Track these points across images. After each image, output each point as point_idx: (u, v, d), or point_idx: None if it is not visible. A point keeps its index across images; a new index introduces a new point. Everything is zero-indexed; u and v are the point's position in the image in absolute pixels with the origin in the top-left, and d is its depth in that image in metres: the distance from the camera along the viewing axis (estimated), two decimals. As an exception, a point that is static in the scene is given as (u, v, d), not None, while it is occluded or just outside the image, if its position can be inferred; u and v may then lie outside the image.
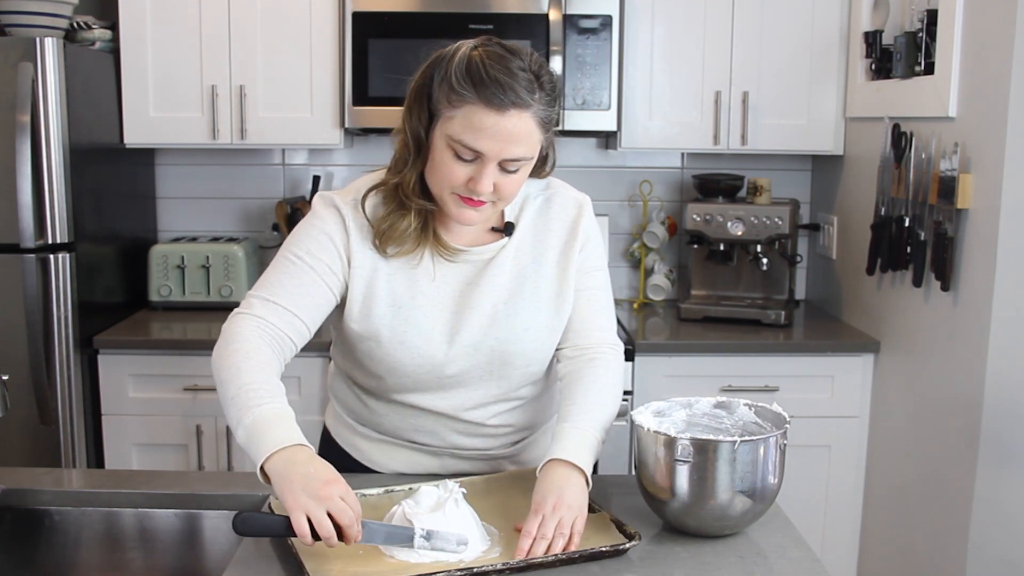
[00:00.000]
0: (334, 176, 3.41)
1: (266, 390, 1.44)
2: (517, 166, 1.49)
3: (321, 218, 1.59)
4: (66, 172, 2.68)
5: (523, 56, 1.48)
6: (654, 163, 3.42)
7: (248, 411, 1.41)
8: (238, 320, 1.55)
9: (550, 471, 1.47)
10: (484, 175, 1.46)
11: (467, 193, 1.49)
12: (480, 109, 1.43)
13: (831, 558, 2.92)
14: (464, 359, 1.60)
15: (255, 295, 1.57)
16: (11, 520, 1.65)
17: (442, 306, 1.59)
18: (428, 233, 1.59)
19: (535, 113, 1.46)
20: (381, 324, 1.57)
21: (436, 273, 1.60)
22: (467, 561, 1.36)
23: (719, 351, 2.87)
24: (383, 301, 1.58)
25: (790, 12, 3.02)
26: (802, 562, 1.42)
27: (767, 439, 1.44)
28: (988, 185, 2.28)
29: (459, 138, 1.45)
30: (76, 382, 2.74)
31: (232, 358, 1.48)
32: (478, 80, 1.43)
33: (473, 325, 1.59)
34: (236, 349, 1.49)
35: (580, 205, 1.67)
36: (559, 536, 1.39)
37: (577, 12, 2.92)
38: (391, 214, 1.56)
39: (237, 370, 1.47)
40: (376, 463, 1.74)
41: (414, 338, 1.58)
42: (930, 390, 2.55)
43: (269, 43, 2.99)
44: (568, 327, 1.66)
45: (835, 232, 3.20)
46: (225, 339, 1.52)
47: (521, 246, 1.63)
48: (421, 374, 1.60)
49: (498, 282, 1.61)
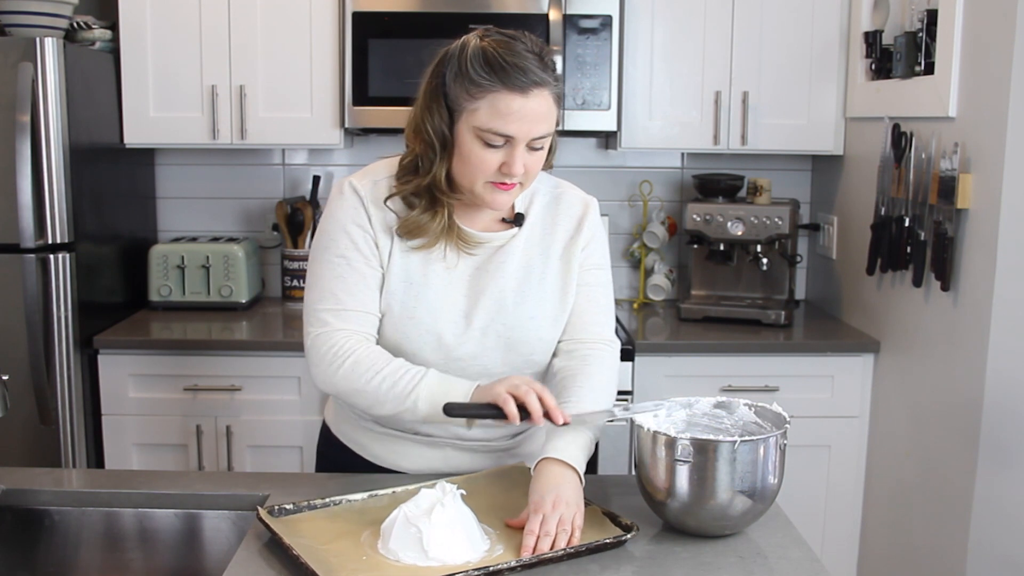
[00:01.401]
0: (334, 176, 3.41)
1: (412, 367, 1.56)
2: (542, 143, 1.55)
3: (343, 208, 1.63)
4: (66, 172, 2.68)
5: (523, 39, 1.55)
6: (654, 163, 3.42)
7: (416, 387, 1.52)
8: (325, 339, 1.59)
9: (544, 470, 1.49)
10: (516, 157, 1.52)
11: (500, 178, 1.54)
12: (505, 95, 1.48)
13: (831, 558, 2.92)
14: (472, 342, 1.63)
15: (322, 308, 1.60)
16: (11, 520, 1.65)
17: (453, 287, 1.64)
18: (453, 228, 1.63)
19: (552, 89, 1.53)
20: (393, 299, 1.62)
21: (448, 255, 1.64)
22: (475, 562, 1.36)
23: (719, 351, 2.87)
24: (396, 276, 1.62)
25: (790, 12, 3.02)
26: (802, 562, 1.42)
27: (767, 439, 1.44)
28: (988, 185, 2.28)
29: (488, 126, 1.50)
30: (76, 382, 2.74)
31: (357, 368, 1.56)
32: (498, 68, 1.49)
33: (482, 309, 1.63)
34: (355, 360, 1.57)
35: (587, 204, 1.74)
36: (561, 532, 1.41)
37: (577, 12, 2.92)
38: (423, 213, 1.60)
39: (373, 372, 1.55)
40: (378, 457, 1.75)
41: (424, 314, 1.61)
42: (930, 390, 2.55)
43: (269, 43, 2.99)
44: (568, 320, 1.70)
45: (835, 232, 3.20)
46: (328, 360, 1.58)
47: (530, 238, 1.68)
48: (427, 352, 1.62)
49: (507, 270, 1.65)
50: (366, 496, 1.55)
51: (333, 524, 1.47)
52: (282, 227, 3.29)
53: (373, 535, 1.42)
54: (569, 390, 1.62)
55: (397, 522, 1.39)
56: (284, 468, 2.82)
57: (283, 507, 1.50)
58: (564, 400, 1.60)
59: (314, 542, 1.40)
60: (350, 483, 1.65)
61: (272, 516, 1.48)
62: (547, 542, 1.39)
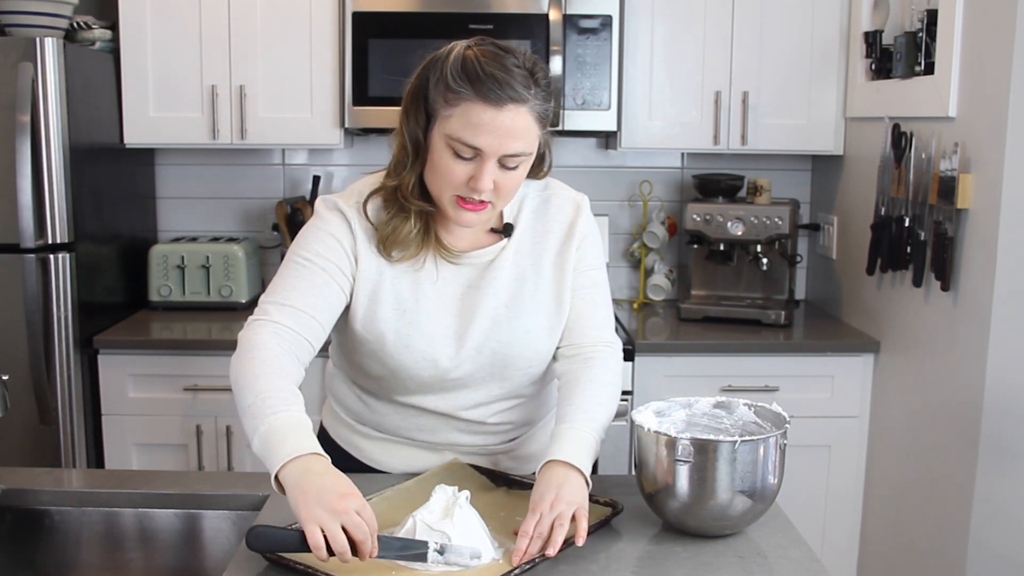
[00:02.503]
0: (334, 176, 3.41)
1: (282, 398, 1.42)
2: (516, 162, 1.49)
3: (326, 220, 1.59)
4: (66, 172, 2.68)
5: (517, 54, 1.49)
6: (654, 163, 3.42)
7: (263, 419, 1.39)
8: (254, 327, 1.53)
9: (548, 472, 1.47)
10: (484, 172, 1.47)
11: (467, 194, 1.49)
12: (477, 105, 1.44)
13: (831, 558, 2.92)
14: (468, 363, 1.61)
15: (268, 301, 1.56)
16: (11, 520, 1.65)
17: (445, 309, 1.60)
18: (431, 236, 1.59)
19: (532, 108, 1.47)
20: (386, 328, 1.58)
21: (439, 275, 1.60)
22: (473, 568, 1.35)
23: (719, 351, 2.87)
24: (388, 304, 1.58)
25: (790, 12, 3.02)
26: (802, 562, 1.42)
27: (767, 439, 1.44)
28: (988, 185, 2.28)
29: (458, 136, 1.45)
30: (76, 382, 2.74)
31: (249, 366, 1.47)
32: (474, 77, 1.44)
33: (475, 329, 1.60)
34: (253, 357, 1.48)
35: (578, 205, 1.68)
36: (558, 527, 1.38)
37: (577, 12, 2.92)
38: (393, 218, 1.57)
39: (254, 378, 1.45)
40: (375, 461, 1.74)
41: (418, 342, 1.58)
42: (930, 390, 2.55)
43: (269, 43, 2.99)
44: (566, 326, 1.66)
45: (835, 232, 3.20)
46: (242, 347, 1.51)
47: (520, 248, 1.64)
48: (425, 377, 1.61)
49: (499, 285, 1.61)
50: (381, 495, 1.53)
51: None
52: (282, 227, 3.28)
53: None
54: (573, 394, 1.59)
55: (417, 531, 1.37)
56: (284, 468, 2.82)
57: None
58: (568, 404, 1.58)
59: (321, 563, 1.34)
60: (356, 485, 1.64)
61: None
62: (538, 544, 1.37)
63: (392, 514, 1.47)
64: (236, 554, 1.42)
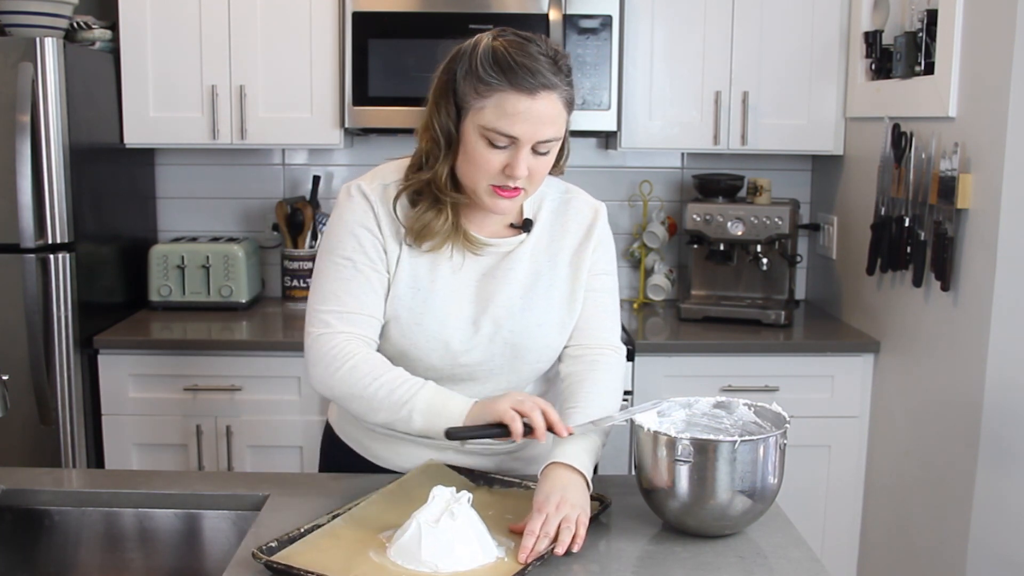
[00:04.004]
0: (334, 176, 3.41)
1: (411, 378, 1.55)
2: (548, 147, 1.54)
3: (352, 211, 1.62)
4: (66, 172, 2.68)
5: (539, 42, 1.54)
6: (654, 163, 3.42)
7: (412, 399, 1.52)
8: (325, 340, 1.58)
9: (551, 473, 1.49)
10: (519, 160, 1.51)
11: (502, 182, 1.54)
12: (512, 95, 1.48)
13: (831, 558, 2.92)
14: (478, 349, 1.63)
15: (325, 310, 1.60)
16: (11, 520, 1.65)
17: (460, 294, 1.63)
18: (459, 228, 1.63)
19: (560, 94, 1.52)
20: (400, 305, 1.61)
21: (456, 262, 1.64)
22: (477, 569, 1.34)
23: (719, 351, 2.87)
24: (404, 283, 1.62)
25: (790, 12, 3.02)
26: (802, 562, 1.42)
27: (767, 439, 1.44)
28: (988, 185, 2.28)
29: (493, 126, 1.49)
30: (76, 382, 2.74)
31: (355, 372, 1.55)
32: (507, 67, 1.48)
33: (489, 315, 1.63)
34: (353, 365, 1.55)
35: (596, 210, 1.75)
36: (565, 529, 1.39)
37: (577, 12, 2.92)
38: (427, 211, 1.60)
39: (371, 378, 1.54)
40: (381, 459, 1.75)
41: (431, 321, 1.61)
42: (930, 390, 2.55)
43: (269, 43, 2.99)
44: (575, 326, 1.70)
45: (835, 232, 3.20)
46: (326, 361, 1.56)
47: (538, 244, 1.68)
48: (434, 359, 1.62)
49: (514, 276, 1.65)
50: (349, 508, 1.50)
51: (335, 544, 1.40)
52: (282, 227, 3.29)
53: (379, 553, 1.37)
54: (576, 395, 1.62)
55: (408, 531, 1.36)
56: (284, 468, 2.82)
57: (268, 546, 1.37)
58: (571, 405, 1.60)
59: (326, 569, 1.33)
60: (352, 483, 1.65)
61: (265, 554, 1.36)
62: (545, 543, 1.38)
63: (383, 517, 1.47)
64: (236, 554, 1.42)
